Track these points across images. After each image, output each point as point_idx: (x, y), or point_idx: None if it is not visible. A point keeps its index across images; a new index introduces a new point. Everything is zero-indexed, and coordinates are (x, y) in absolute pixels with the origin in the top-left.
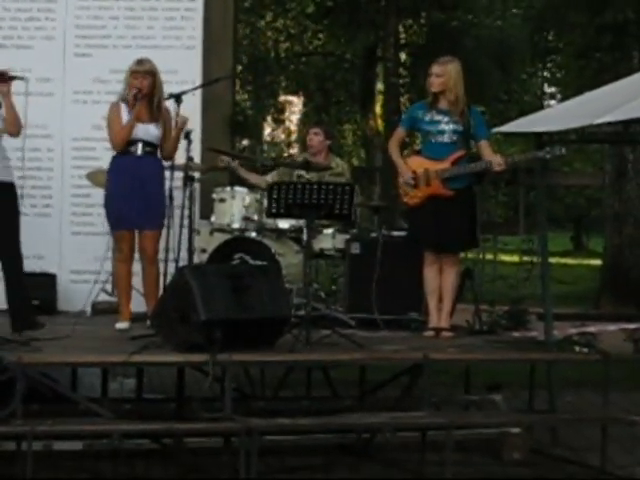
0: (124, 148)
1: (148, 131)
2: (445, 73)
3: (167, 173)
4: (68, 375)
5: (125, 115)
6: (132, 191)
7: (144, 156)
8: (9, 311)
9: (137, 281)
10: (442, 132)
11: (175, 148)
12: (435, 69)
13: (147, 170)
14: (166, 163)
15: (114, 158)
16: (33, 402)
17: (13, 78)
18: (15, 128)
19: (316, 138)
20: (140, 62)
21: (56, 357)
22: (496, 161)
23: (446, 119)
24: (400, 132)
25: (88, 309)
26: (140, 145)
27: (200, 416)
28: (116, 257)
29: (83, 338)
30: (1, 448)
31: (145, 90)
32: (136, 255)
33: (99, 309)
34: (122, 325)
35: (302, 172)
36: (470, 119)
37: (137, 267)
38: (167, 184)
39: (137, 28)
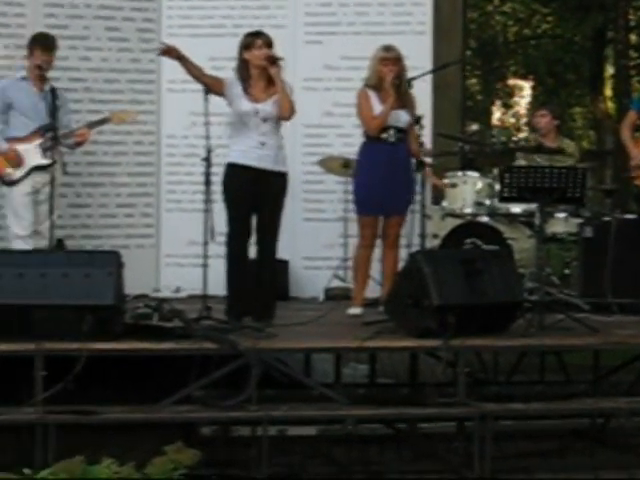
0: (378, 135)
1: (399, 117)
2: None
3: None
4: (301, 361)
5: (375, 102)
6: (384, 177)
7: (396, 142)
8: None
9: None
10: None
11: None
12: None
13: (399, 156)
14: None
15: (365, 144)
16: (268, 388)
17: (279, 59)
18: (288, 112)
19: (543, 120)
20: (388, 49)
21: (290, 343)
22: None
23: None
24: (632, 115)
25: (321, 295)
26: (392, 132)
27: (433, 401)
28: (358, 242)
29: (316, 324)
30: (237, 433)
31: (396, 77)
32: None
33: (331, 295)
34: (355, 310)
35: (534, 156)
36: None
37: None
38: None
39: (367, 15)
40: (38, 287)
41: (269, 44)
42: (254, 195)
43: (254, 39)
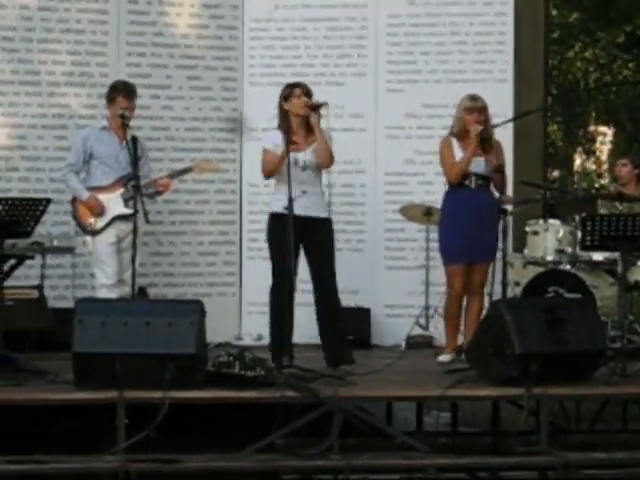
0: (459, 182)
1: (480, 164)
2: None
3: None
4: (383, 409)
5: (457, 150)
6: (467, 224)
7: (478, 189)
8: (324, 346)
9: None
10: None
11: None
12: None
13: (483, 203)
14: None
15: (448, 193)
16: (349, 436)
17: (319, 106)
18: (327, 160)
19: (624, 169)
20: (474, 98)
21: (372, 391)
22: None
23: None
24: None
25: (402, 343)
26: (473, 178)
27: (516, 450)
28: (448, 293)
29: (397, 372)
30: None
31: (482, 126)
32: None
33: (413, 343)
34: (445, 358)
35: (616, 203)
36: None
37: None
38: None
39: (448, 62)
40: (121, 336)
41: (308, 93)
42: (299, 243)
43: (293, 89)
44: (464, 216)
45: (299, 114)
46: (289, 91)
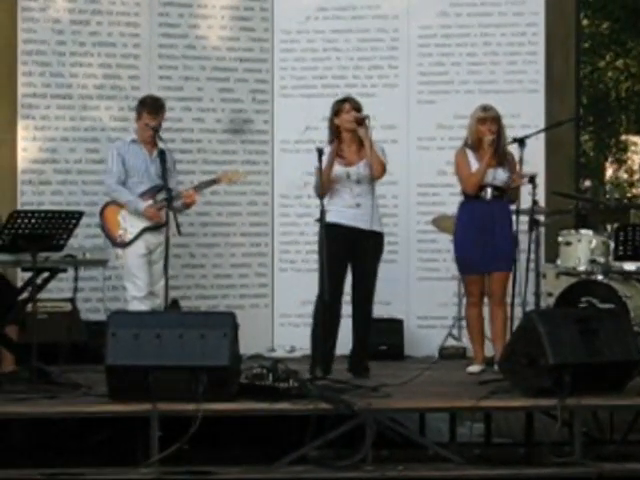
0: (475, 193)
1: (496, 176)
2: None
3: (512, 217)
4: (416, 419)
5: (472, 161)
6: (482, 235)
7: (493, 200)
8: (352, 356)
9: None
10: None
11: (518, 194)
12: None
13: (497, 214)
14: (512, 206)
15: (463, 204)
16: (383, 447)
17: (363, 119)
18: (379, 172)
19: None
20: (486, 109)
21: (405, 403)
22: None
23: None
24: None
25: (435, 354)
26: (489, 190)
27: (549, 461)
28: (467, 301)
29: (430, 383)
30: None
31: (494, 136)
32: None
33: (446, 354)
34: (474, 368)
35: None
36: None
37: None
38: (513, 227)
39: (479, 73)
40: (154, 348)
41: (357, 108)
42: (349, 254)
43: (342, 104)
44: (479, 227)
45: (348, 129)
46: (339, 106)
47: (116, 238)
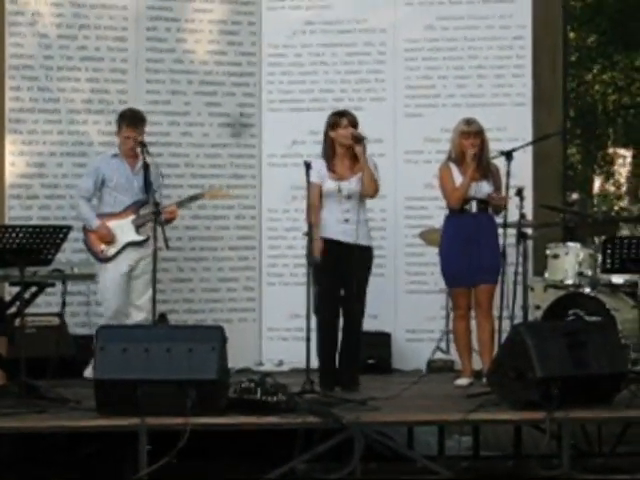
0: (459, 207)
1: (481, 189)
2: None
3: (498, 230)
4: (404, 433)
5: (456, 174)
6: (468, 248)
7: (479, 213)
8: (340, 369)
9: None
10: None
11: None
12: None
13: (482, 227)
14: (499, 220)
15: (448, 217)
16: (371, 461)
17: (362, 139)
18: (372, 190)
19: None
20: (469, 122)
21: (393, 416)
22: None
23: None
24: None
25: (423, 367)
26: (474, 203)
27: (538, 474)
28: (454, 314)
29: (419, 396)
30: None
31: (478, 149)
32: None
33: (434, 367)
34: (462, 381)
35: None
36: None
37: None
38: (500, 240)
39: (466, 87)
40: (142, 362)
41: (354, 123)
42: (339, 268)
43: (340, 118)
44: (465, 240)
45: (344, 144)
46: (335, 120)
47: (98, 253)
